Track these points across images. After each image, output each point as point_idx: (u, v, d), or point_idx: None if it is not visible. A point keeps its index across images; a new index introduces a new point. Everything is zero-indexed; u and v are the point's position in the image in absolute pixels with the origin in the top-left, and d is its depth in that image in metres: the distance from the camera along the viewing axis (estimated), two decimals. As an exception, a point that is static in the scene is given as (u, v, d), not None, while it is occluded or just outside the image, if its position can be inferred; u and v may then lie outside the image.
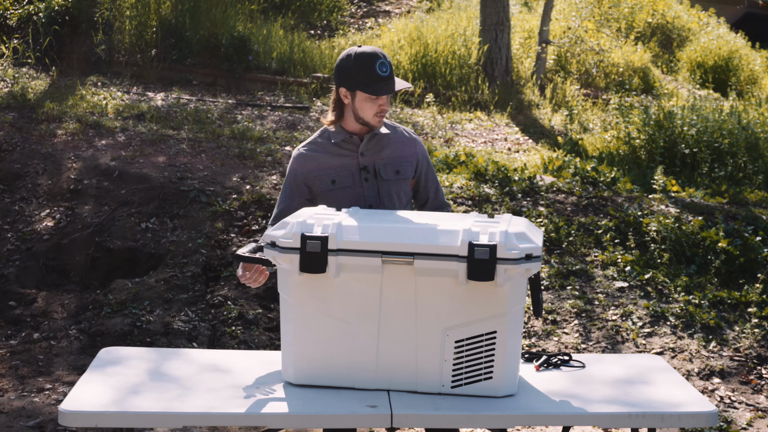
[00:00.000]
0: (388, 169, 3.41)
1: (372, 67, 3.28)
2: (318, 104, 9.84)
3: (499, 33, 10.92)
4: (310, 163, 3.40)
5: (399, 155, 3.44)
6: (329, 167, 3.39)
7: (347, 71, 3.32)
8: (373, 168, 3.40)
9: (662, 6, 13.88)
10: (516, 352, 2.95)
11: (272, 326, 5.59)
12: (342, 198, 3.37)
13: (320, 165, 3.40)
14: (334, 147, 3.41)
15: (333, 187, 3.37)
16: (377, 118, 3.36)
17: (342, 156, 3.40)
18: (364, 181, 3.39)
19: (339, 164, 3.39)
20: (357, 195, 3.38)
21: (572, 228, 6.55)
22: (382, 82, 3.30)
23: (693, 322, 5.69)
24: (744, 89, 12.28)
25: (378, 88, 3.30)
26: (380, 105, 3.34)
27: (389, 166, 3.41)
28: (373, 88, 3.29)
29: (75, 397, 2.85)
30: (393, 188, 3.42)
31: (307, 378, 2.99)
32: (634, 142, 8.55)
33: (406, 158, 3.45)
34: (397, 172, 3.43)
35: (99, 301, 5.78)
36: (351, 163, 3.39)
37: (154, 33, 10.50)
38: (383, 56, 3.31)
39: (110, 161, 7.23)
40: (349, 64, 3.31)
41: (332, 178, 3.38)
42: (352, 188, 3.38)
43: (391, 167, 3.41)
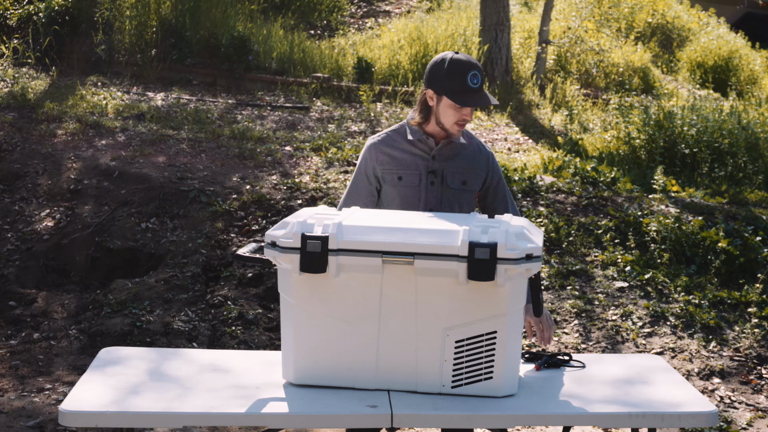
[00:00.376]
0: (455, 178, 3.39)
1: (464, 76, 3.26)
2: (318, 104, 9.85)
3: (499, 33, 10.92)
4: (382, 155, 3.39)
5: (469, 166, 3.42)
6: (400, 163, 3.37)
7: (438, 75, 3.29)
8: (441, 173, 3.38)
9: (662, 6, 13.88)
10: (516, 352, 2.95)
11: (272, 326, 5.59)
12: (405, 196, 3.36)
13: (392, 158, 3.38)
14: (407, 144, 3.39)
15: (399, 183, 3.36)
16: (457, 127, 3.33)
17: (414, 155, 3.38)
18: (430, 185, 3.37)
19: (410, 162, 3.38)
20: (420, 196, 3.37)
21: (572, 228, 6.55)
22: (470, 94, 3.26)
23: (693, 322, 5.69)
24: (744, 89, 12.28)
25: (465, 99, 3.26)
26: (463, 115, 3.30)
27: (457, 175, 3.39)
28: (460, 98, 3.26)
29: (75, 397, 2.85)
30: (456, 198, 3.40)
31: (308, 378, 2.99)
32: (634, 142, 8.55)
33: (476, 170, 3.42)
34: (464, 182, 3.41)
35: (99, 301, 5.78)
36: (421, 164, 3.38)
37: (154, 33, 10.50)
38: (477, 68, 3.28)
39: (110, 161, 7.23)
40: (442, 68, 3.28)
41: (400, 174, 3.36)
42: (416, 189, 3.37)
43: (459, 176, 3.39)
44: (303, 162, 7.69)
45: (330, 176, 7.31)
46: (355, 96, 10.14)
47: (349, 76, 10.61)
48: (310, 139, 8.35)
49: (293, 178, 7.21)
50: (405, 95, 10.33)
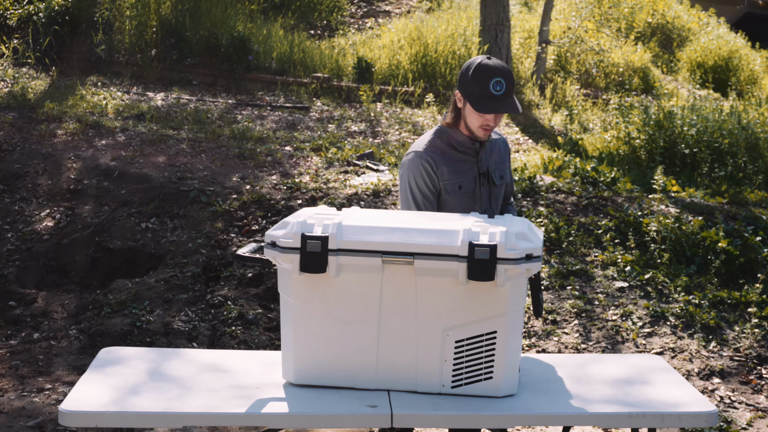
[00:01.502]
0: (496, 175, 3.47)
1: (487, 82, 3.26)
2: (318, 104, 9.85)
3: (499, 33, 10.92)
4: (440, 167, 3.37)
5: (502, 161, 3.52)
6: (456, 171, 3.39)
7: (465, 79, 3.32)
8: (487, 173, 3.44)
9: (662, 6, 13.88)
10: (516, 352, 2.95)
11: (272, 326, 5.59)
12: (464, 202, 3.39)
13: (448, 169, 3.38)
14: (456, 152, 3.40)
15: (459, 192, 3.39)
16: (482, 131, 3.35)
17: (465, 161, 3.41)
18: (481, 186, 3.43)
19: (464, 169, 3.40)
20: (476, 199, 3.42)
21: (572, 228, 6.55)
22: (490, 100, 3.26)
23: (693, 322, 5.69)
24: (744, 89, 12.28)
25: (484, 105, 3.27)
26: (486, 120, 3.31)
27: (497, 172, 3.47)
28: (479, 104, 3.28)
29: (75, 397, 2.85)
30: (499, 192, 3.50)
31: (308, 378, 2.99)
32: (634, 142, 8.55)
33: (506, 163, 3.53)
34: (501, 177, 3.51)
35: (99, 301, 5.78)
36: (473, 168, 3.42)
37: (154, 33, 10.50)
38: (504, 75, 3.26)
39: (110, 161, 7.23)
40: (468, 72, 3.31)
41: (459, 183, 3.38)
42: (472, 193, 3.41)
43: (498, 172, 3.48)
44: (303, 162, 7.69)
45: (330, 176, 7.31)
46: (355, 96, 10.14)
47: (349, 76, 10.61)
48: (310, 139, 8.35)
49: (293, 178, 7.21)
50: (405, 95, 10.32)
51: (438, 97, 10.41)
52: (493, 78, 3.25)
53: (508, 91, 3.27)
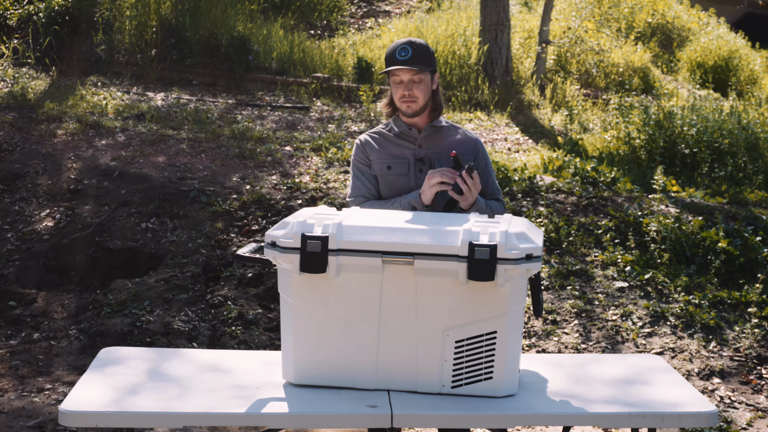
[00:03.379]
0: (443, 162, 3.51)
1: (393, 52, 3.47)
2: (318, 104, 9.85)
3: (499, 33, 10.92)
4: (370, 149, 3.57)
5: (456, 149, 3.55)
6: (387, 154, 3.54)
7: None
8: (429, 160, 3.52)
9: (662, 6, 13.88)
10: (516, 352, 2.95)
11: (272, 326, 5.59)
12: (395, 184, 3.52)
13: (380, 150, 3.56)
14: (394, 137, 3.57)
15: (389, 172, 3.52)
16: (404, 104, 3.50)
17: (400, 145, 3.56)
18: (419, 172, 3.51)
19: (397, 152, 3.55)
20: (410, 183, 3.51)
21: (572, 228, 6.55)
22: (395, 62, 3.45)
23: (693, 322, 5.69)
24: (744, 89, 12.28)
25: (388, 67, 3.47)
26: (403, 89, 3.48)
27: (445, 160, 3.51)
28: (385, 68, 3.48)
29: (75, 397, 2.85)
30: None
31: (307, 378, 2.99)
32: (634, 142, 8.55)
33: (463, 155, 3.55)
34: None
35: (99, 301, 5.78)
36: (408, 153, 3.54)
37: (154, 33, 10.50)
38: (411, 44, 3.46)
39: (110, 161, 7.23)
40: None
41: (388, 164, 3.52)
42: (406, 176, 3.51)
43: (447, 161, 3.51)
44: (303, 162, 7.69)
45: (330, 176, 7.31)
46: (355, 96, 10.14)
47: (349, 76, 10.62)
48: (310, 139, 8.35)
49: (293, 178, 7.21)
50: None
51: (438, 97, 10.40)
52: (399, 47, 3.47)
53: (415, 57, 3.45)
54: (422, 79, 3.48)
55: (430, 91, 3.53)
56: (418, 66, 3.44)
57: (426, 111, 3.55)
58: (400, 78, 3.47)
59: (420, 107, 3.51)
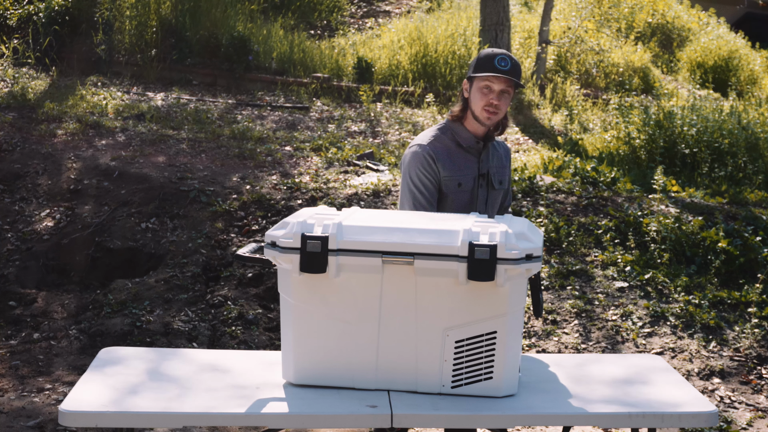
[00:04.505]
0: (496, 179, 3.49)
1: (492, 59, 3.34)
2: (318, 104, 9.85)
3: (499, 33, 10.92)
4: (440, 161, 3.40)
5: (503, 165, 3.55)
6: (457, 168, 3.41)
7: (472, 65, 3.41)
8: (487, 176, 3.47)
9: (662, 6, 13.88)
10: (516, 352, 2.95)
11: (272, 326, 5.59)
12: (461, 201, 3.42)
13: (449, 164, 3.41)
14: (458, 148, 3.43)
15: (458, 189, 3.42)
16: (485, 113, 3.36)
17: (466, 159, 3.44)
18: (479, 188, 3.46)
19: (465, 167, 3.43)
20: (472, 199, 3.44)
21: (572, 228, 6.55)
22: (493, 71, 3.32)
23: (693, 322, 5.69)
24: (744, 89, 12.28)
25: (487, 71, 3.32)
26: (491, 99, 3.34)
27: (497, 176, 3.50)
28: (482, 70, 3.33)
29: (75, 397, 2.85)
30: (497, 197, 3.52)
31: (307, 378, 2.99)
32: (634, 142, 8.55)
33: (507, 169, 3.55)
34: (501, 182, 3.53)
35: (99, 301, 5.78)
36: (474, 168, 3.45)
37: (154, 33, 10.50)
38: (507, 55, 3.36)
39: (110, 161, 7.23)
40: (476, 59, 3.40)
41: (459, 180, 3.41)
42: (470, 193, 3.44)
43: (498, 177, 3.50)
44: (303, 162, 7.69)
45: (330, 176, 7.31)
46: (355, 96, 10.14)
47: (349, 76, 10.61)
48: (310, 139, 8.35)
49: (293, 178, 7.21)
50: (405, 95, 10.33)
51: (438, 97, 10.41)
52: (498, 55, 3.34)
53: (513, 71, 3.33)
54: (509, 94, 3.38)
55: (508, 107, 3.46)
56: (515, 79, 3.33)
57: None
58: (491, 86, 3.33)
59: (499, 120, 3.42)
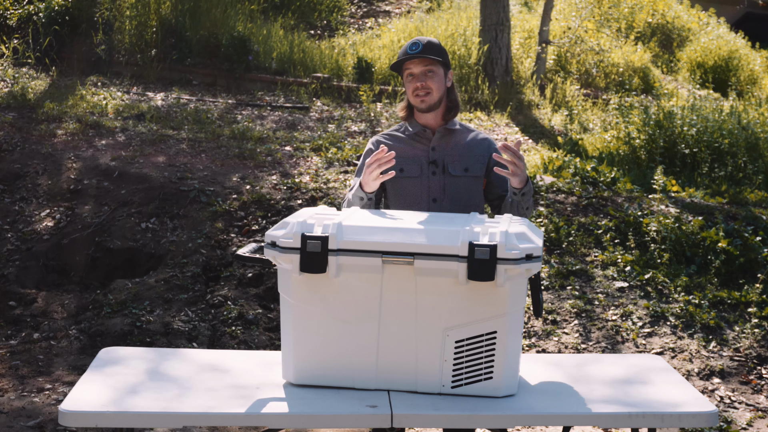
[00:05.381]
0: (456, 166, 3.48)
1: (405, 49, 3.45)
2: (318, 104, 9.85)
3: (499, 33, 10.92)
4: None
5: (469, 152, 3.51)
6: (399, 155, 3.47)
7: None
8: (442, 162, 3.48)
9: (662, 6, 13.88)
10: (516, 352, 2.95)
11: (272, 326, 5.59)
12: (408, 187, 3.46)
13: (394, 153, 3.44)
14: (408, 138, 3.52)
15: (400, 175, 3.46)
16: (417, 99, 3.46)
17: (414, 147, 3.50)
18: (432, 175, 3.47)
19: (410, 154, 3.49)
20: (422, 187, 3.46)
21: (572, 228, 6.55)
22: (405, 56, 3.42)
23: (693, 322, 5.69)
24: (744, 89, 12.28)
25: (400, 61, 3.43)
26: (416, 83, 3.44)
27: (458, 163, 3.48)
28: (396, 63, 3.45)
29: (75, 397, 2.85)
30: (461, 185, 3.48)
31: (308, 378, 2.99)
32: (634, 142, 8.55)
33: (477, 156, 3.51)
34: (466, 169, 3.49)
35: (99, 301, 5.78)
36: (421, 155, 3.49)
37: (154, 33, 10.50)
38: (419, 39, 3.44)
39: (110, 161, 7.23)
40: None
41: (400, 166, 3.46)
42: (418, 179, 3.46)
43: (460, 164, 3.48)
44: (303, 162, 7.69)
45: (330, 176, 7.31)
46: (355, 96, 10.14)
47: (349, 76, 10.61)
48: (310, 139, 8.35)
49: (293, 178, 7.21)
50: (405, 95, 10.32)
51: (438, 97, 10.40)
52: (410, 43, 3.44)
53: (425, 49, 3.42)
54: (435, 72, 3.44)
55: (444, 87, 3.48)
56: (429, 55, 3.40)
57: (441, 110, 3.50)
58: (412, 71, 3.44)
59: (435, 100, 3.46)
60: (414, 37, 3.49)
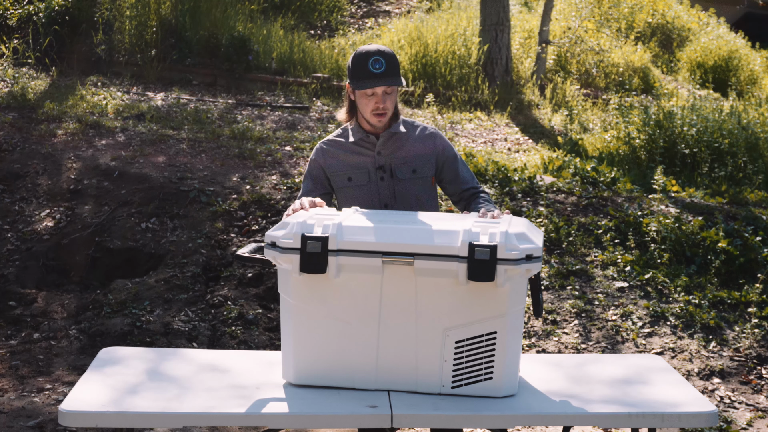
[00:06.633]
0: (403, 169, 3.40)
1: (365, 62, 3.29)
2: (318, 104, 9.84)
3: (499, 33, 10.92)
4: (329, 158, 3.43)
5: (415, 153, 3.43)
6: (346, 164, 3.41)
7: (348, 67, 3.36)
8: (389, 167, 3.40)
9: (662, 6, 13.88)
10: (516, 352, 2.95)
11: (272, 326, 5.59)
12: (358, 196, 3.39)
13: (338, 161, 3.41)
14: (352, 145, 3.43)
15: (349, 184, 3.40)
16: (375, 117, 3.35)
17: (359, 154, 3.42)
18: (380, 180, 3.40)
19: (356, 162, 3.41)
20: (372, 194, 3.39)
21: (572, 228, 6.55)
22: (370, 79, 3.28)
23: (693, 322, 5.69)
24: (744, 89, 12.28)
25: (363, 83, 3.29)
26: (375, 102, 3.32)
27: (405, 166, 3.40)
28: (359, 83, 3.30)
29: (75, 397, 2.85)
30: (410, 188, 3.41)
31: (307, 378, 2.99)
32: (634, 142, 8.55)
33: (423, 156, 3.43)
34: (414, 171, 3.42)
35: (99, 301, 5.78)
36: (368, 162, 3.41)
37: (154, 33, 10.50)
38: (383, 55, 3.29)
39: (110, 161, 7.23)
40: (351, 60, 3.35)
41: (348, 175, 3.40)
42: (367, 187, 3.40)
43: (407, 166, 3.41)
44: (303, 162, 7.69)
45: (330, 176, 7.31)
46: (355, 96, 10.13)
47: (349, 76, 10.61)
48: (310, 139, 8.35)
49: (293, 178, 7.21)
50: (405, 95, 10.32)
51: (438, 97, 10.41)
52: (371, 57, 3.28)
53: (389, 70, 3.28)
54: (393, 90, 3.35)
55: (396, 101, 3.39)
56: (395, 80, 3.29)
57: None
58: (372, 91, 3.31)
59: (389, 119, 3.39)
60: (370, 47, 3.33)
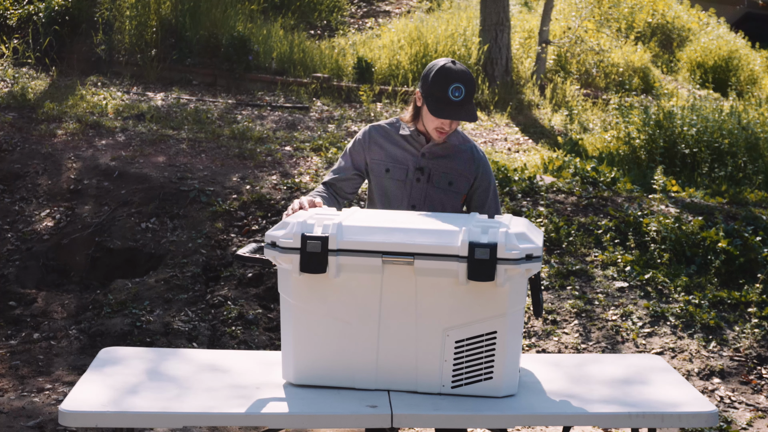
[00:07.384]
0: (442, 178, 3.41)
1: (446, 87, 3.26)
2: (318, 104, 9.85)
3: (499, 33, 10.92)
4: (374, 144, 3.44)
5: (457, 168, 3.43)
6: (389, 155, 3.42)
7: (427, 79, 3.32)
8: (428, 172, 3.41)
9: (662, 6, 13.88)
10: (516, 352, 2.95)
11: (272, 326, 5.59)
12: (390, 188, 3.41)
13: (382, 150, 3.42)
14: (400, 138, 3.44)
15: (386, 175, 3.41)
16: (437, 133, 3.36)
17: (404, 150, 3.43)
18: (416, 181, 3.41)
19: (399, 156, 3.42)
20: (404, 191, 3.41)
21: (572, 228, 6.55)
22: (447, 106, 3.27)
23: (693, 322, 5.69)
24: (744, 89, 12.28)
25: (440, 109, 3.27)
26: (442, 123, 3.31)
27: (444, 176, 3.41)
28: (435, 108, 3.28)
29: (75, 397, 2.85)
30: (442, 198, 3.42)
31: (308, 378, 2.99)
32: (634, 142, 8.55)
33: (464, 174, 3.43)
34: (450, 183, 3.42)
35: (99, 301, 5.78)
36: (409, 159, 3.42)
37: (154, 33, 10.50)
38: (465, 81, 3.26)
39: (110, 161, 7.23)
40: (431, 73, 3.31)
41: (387, 166, 3.41)
42: (402, 183, 3.41)
43: (446, 177, 3.41)
44: (303, 162, 7.69)
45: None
46: (355, 96, 10.14)
47: (349, 76, 10.61)
48: (310, 139, 8.35)
49: (293, 178, 7.21)
50: (405, 95, 10.32)
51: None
52: (453, 83, 3.25)
53: (467, 98, 3.27)
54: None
55: None
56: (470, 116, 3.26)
57: None
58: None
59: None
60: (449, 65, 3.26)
